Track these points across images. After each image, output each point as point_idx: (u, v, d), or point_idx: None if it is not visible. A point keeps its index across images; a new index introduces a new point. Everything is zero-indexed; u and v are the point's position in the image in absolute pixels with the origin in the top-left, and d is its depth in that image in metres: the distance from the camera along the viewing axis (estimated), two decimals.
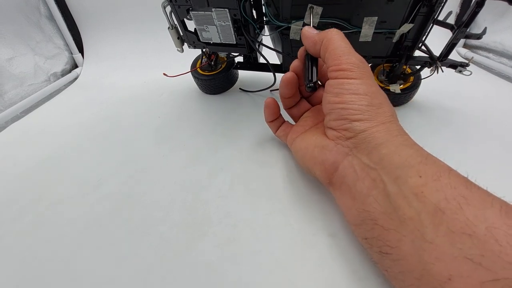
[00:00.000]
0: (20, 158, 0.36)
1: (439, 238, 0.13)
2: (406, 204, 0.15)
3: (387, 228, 0.16)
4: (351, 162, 0.19)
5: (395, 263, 0.15)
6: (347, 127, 0.19)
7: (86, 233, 0.25)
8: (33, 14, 0.58)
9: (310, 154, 0.22)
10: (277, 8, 0.28)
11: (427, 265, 0.13)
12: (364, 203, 0.17)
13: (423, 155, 0.17)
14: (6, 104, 0.50)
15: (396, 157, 0.17)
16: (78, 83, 0.61)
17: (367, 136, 0.18)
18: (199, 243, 0.23)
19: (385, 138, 0.18)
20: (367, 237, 0.17)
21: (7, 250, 0.24)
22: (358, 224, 0.18)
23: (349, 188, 0.19)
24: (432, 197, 0.14)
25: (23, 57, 0.55)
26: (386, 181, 0.16)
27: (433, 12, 0.25)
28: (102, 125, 0.41)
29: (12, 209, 0.28)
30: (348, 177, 0.19)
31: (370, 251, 0.18)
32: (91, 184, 0.30)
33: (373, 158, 0.17)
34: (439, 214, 0.14)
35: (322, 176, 0.21)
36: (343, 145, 0.19)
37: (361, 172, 0.18)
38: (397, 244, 0.15)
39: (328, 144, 0.20)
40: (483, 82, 0.43)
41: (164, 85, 0.49)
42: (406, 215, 0.15)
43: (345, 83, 0.19)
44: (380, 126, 0.18)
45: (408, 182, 0.15)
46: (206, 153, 0.32)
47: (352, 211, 0.18)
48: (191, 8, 0.31)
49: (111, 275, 0.21)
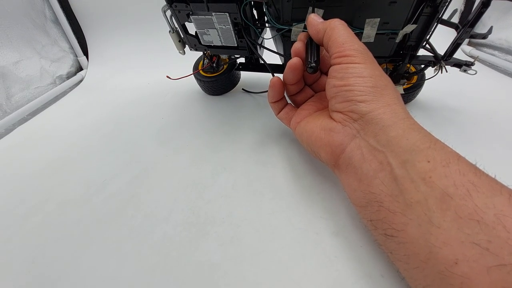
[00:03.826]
0: (27, 160, 0.37)
1: (447, 223, 0.13)
2: (414, 188, 0.15)
3: (393, 211, 0.16)
4: (358, 144, 0.19)
5: (400, 246, 0.15)
6: (353, 109, 0.19)
7: (91, 232, 0.25)
8: (38, 18, 0.59)
9: (317, 136, 0.22)
10: (278, 10, 0.28)
11: (433, 249, 0.13)
12: (370, 185, 0.17)
13: (432, 140, 0.17)
14: (13, 107, 0.51)
15: (404, 140, 0.17)
16: (83, 85, 0.62)
17: (373, 117, 0.18)
18: (202, 243, 0.23)
19: (392, 120, 0.17)
20: (372, 219, 0.17)
21: (16, 249, 0.25)
22: (363, 206, 0.18)
23: (355, 170, 0.19)
24: (440, 183, 0.14)
25: (29, 61, 0.56)
26: (393, 164, 0.16)
27: (437, 12, 0.25)
28: (106, 126, 0.42)
29: (21, 210, 0.29)
30: (355, 159, 0.19)
31: (374, 233, 0.18)
32: (97, 185, 0.30)
33: (381, 141, 0.17)
34: (447, 199, 0.14)
35: (328, 158, 0.21)
36: (350, 127, 0.19)
37: (368, 154, 0.18)
38: (403, 227, 0.15)
39: (335, 127, 0.20)
40: (489, 80, 0.42)
41: (168, 87, 0.50)
42: (413, 198, 0.15)
43: (349, 67, 0.19)
44: (386, 108, 0.18)
45: (416, 166, 0.15)
46: (209, 153, 0.32)
47: (358, 193, 0.18)
48: (191, 12, 0.31)
49: (116, 273, 0.22)
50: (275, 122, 0.35)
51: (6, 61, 0.51)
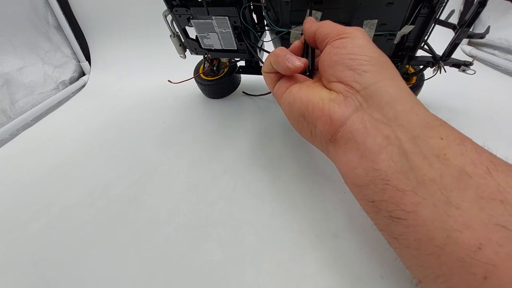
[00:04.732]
0: (30, 165, 0.37)
1: (466, 204, 0.12)
2: (427, 164, 0.13)
3: (402, 189, 0.14)
4: (361, 117, 0.17)
5: (410, 229, 0.13)
6: (356, 79, 0.18)
7: (94, 236, 0.26)
8: (41, 24, 0.60)
9: (315, 106, 0.19)
10: (277, 13, 0.28)
11: (452, 232, 0.12)
12: (375, 161, 0.16)
13: (441, 119, 0.16)
14: (17, 112, 0.51)
15: (413, 115, 0.15)
16: (85, 91, 0.63)
17: (378, 89, 0.17)
18: (203, 245, 0.23)
19: (398, 94, 0.16)
20: (374, 199, 0.15)
21: (19, 253, 0.25)
22: (364, 185, 0.16)
23: (357, 145, 0.17)
24: (457, 160, 0.13)
25: (33, 67, 0.57)
26: (403, 139, 0.15)
27: (434, 12, 0.25)
28: (109, 131, 0.42)
29: (25, 214, 0.29)
30: (357, 133, 0.17)
31: (376, 217, 0.16)
32: (99, 189, 0.31)
33: (387, 115, 0.16)
34: (465, 178, 0.12)
35: (325, 131, 0.19)
36: (353, 98, 0.18)
37: (372, 128, 0.16)
38: (414, 208, 0.13)
39: (336, 97, 0.18)
40: (489, 80, 0.42)
41: (169, 91, 0.50)
42: (427, 176, 0.13)
43: (352, 40, 0.19)
44: (391, 81, 0.17)
45: (429, 142, 0.14)
46: (210, 156, 0.33)
47: (358, 171, 0.17)
48: (191, 16, 0.32)
49: (118, 276, 0.22)
50: (275, 125, 0.35)
51: (10, 68, 0.52)
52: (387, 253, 0.19)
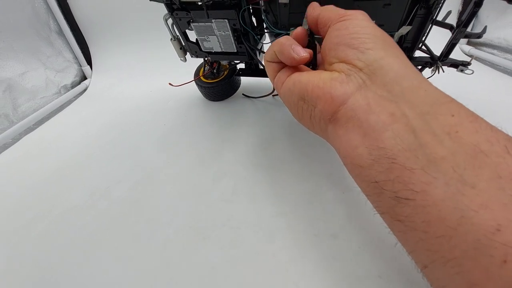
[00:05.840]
0: (33, 168, 0.38)
1: (483, 183, 0.11)
2: (437, 142, 0.13)
3: (410, 167, 0.13)
4: (364, 94, 0.16)
5: (418, 210, 0.13)
6: (359, 56, 0.17)
7: (95, 237, 0.26)
8: (43, 30, 0.61)
9: (315, 85, 0.18)
10: (276, 16, 0.28)
11: (467, 213, 0.11)
12: (379, 139, 0.15)
13: (451, 96, 0.14)
14: (19, 117, 0.52)
15: (421, 91, 0.15)
16: (87, 94, 0.63)
17: (382, 66, 0.16)
18: (204, 246, 0.23)
19: (403, 71, 0.15)
20: (378, 180, 0.14)
21: (23, 254, 0.25)
22: (366, 166, 0.15)
23: (359, 123, 0.16)
24: (471, 138, 0.12)
25: (35, 72, 0.57)
26: (410, 115, 0.14)
27: (431, 13, 0.25)
28: (110, 134, 0.43)
29: (27, 217, 0.29)
30: (359, 110, 0.16)
31: (378, 198, 0.15)
32: (101, 191, 0.31)
33: (393, 91, 0.15)
34: (480, 156, 0.12)
35: (325, 110, 0.18)
36: (355, 76, 0.17)
37: (376, 105, 0.15)
38: (423, 187, 0.12)
39: (338, 76, 0.18)
40: (488, 79, 0.42)
41: (170, 94, 0.51)
42: (438, 154, 0.12)
43: (354, 21, 0.18)
44: (395, 58, 0.16)
45: (439, 119, 0.13)
46: (210, 158, 0.33)
47: (360, 150, 0.16)
48: (192, 20, 0.32)
49: (119, 277, 0.22)
50: (275, 127, 0.36)
51: (12, 73, 0.53)
52: (385, 253, 0.20)
